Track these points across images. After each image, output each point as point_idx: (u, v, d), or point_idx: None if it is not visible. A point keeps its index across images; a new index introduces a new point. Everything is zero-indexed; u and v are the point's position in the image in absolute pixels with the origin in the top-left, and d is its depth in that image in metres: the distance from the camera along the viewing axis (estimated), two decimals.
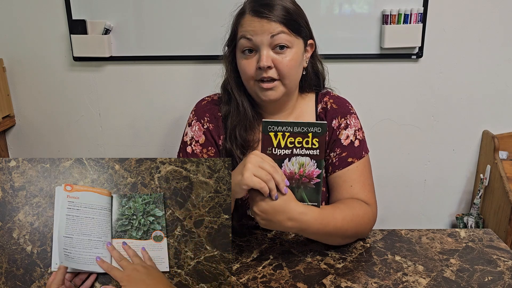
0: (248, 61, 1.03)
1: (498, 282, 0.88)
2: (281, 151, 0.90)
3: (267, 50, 1.01)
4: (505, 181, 1.59)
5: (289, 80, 1.04)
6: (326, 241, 1.00)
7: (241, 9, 1.06)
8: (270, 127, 0.89)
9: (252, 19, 1.01)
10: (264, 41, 1.00)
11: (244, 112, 1.09)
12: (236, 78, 1.10)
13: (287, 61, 1.02)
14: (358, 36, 1.64)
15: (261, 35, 1.00)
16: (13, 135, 1.83)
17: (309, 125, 0.88)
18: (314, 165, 0.90)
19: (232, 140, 1.10)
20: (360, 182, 1.07)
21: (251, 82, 1.04)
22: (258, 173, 0.86)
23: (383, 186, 1.76)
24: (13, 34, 1.69)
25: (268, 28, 1.00)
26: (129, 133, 1.80)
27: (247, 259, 0.98)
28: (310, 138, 0.89)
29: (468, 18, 1.63)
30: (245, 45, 1.02)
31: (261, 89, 1.04)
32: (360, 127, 1.13)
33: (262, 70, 1.01)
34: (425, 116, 1.74)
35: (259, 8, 1.01)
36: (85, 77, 1.73)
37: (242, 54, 1.04)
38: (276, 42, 1.00)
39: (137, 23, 1.65)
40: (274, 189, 0.87)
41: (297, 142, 0.89)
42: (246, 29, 1.02)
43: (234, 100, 1.11)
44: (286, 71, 1.02)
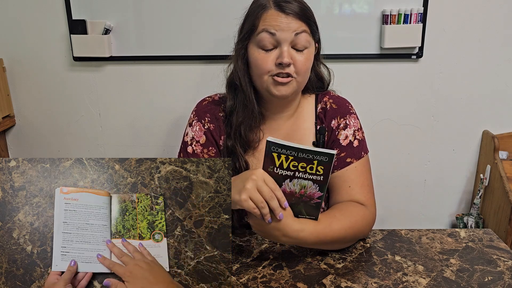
0: (266, 55, 1.01)
1: (498, 282, 0.88)
2: (282, 171, 0.87)
3: (288, 46, 1.00)
4: (505, 181, 1.59)
5: (303, 79, 1.04)
6: (325, 248, 1.00)
7: (263, 4, 1.03)
8: (274, 148, 0.85)
9: (277, 14, 1.00)
10: (288, 38, 1.00)
11: (251, 109, 1.08)
12: (246, 73, 1.08)
13: (304, 60, 1.02)
14: (358, 36, 1.64)
15: (286, 31, 0.99)
16: (13, 135, 1.83)
17: (315, 153, 0.83)
18: (316, 188, 0.87)
19: (236, 137, 1.09)
20: (359, 183, 1.07)
21: (265, 77, 1.03)
22: (255, 197, 0.85)
23: (383, 186, 1.76)
24: (13, 34, 1.69)
25: (293, 25, 0.99)
26: (129, 133, 1.80)
27: (247, 259, 0.98)
28: (315, 165, 0.84)
29: (468, 18, 1.63)
30: (267, 39, 1.00)
31: (274, 84, 1.02)
32: (360, 127, 1.13)
33: (281, 66, 1.00)
34: (425, 116, 1.74)
35: (284, 4, 1.00)
36: (85, 77, 1.73)
37: (260, 48, 1.02)
38: (297, 41, 1.00)
39: (137, 23, 1.65)
40: (268, 215, 0.87)
41: (300, 166, 0.85)
42: (270, 24, 1.00)
43: (241, 95, 1.09)
44: (303, 69, 1.02)
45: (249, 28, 1.04)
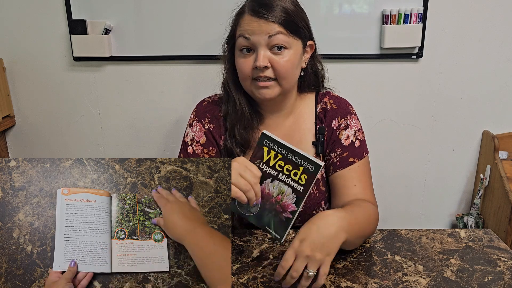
0: (245, 60, 1.03)
1: (498, 282, 0.88)
2: (267, 168, 0.86)
3: (264, 50, 1.01)
4: (505, 181, 1.59)
5: (286, 80, 1.04)
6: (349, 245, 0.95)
7: (240, 8, 1.06)
8: (266, 142, 0.86)
9: (250, 18, 1.01)
10: (262, 41, 1.00)
11: (241, 112, 1.10)
12: (234, 77, 1.10)
13: (284, 61, 1.02)
14: (358, 36, 1.64)
15: (259, 35, 1.00)
16: (13, 135, 1.83)
17: (304, 159, 0.83)
18: (293, 199, 0.85)
19: (231, 138, 1.10)
20: (363, 182, 1.07)
21: (248, 81, 1.05)
22: (237, 182, 0.83)
23: (383, 186, 1.76)
24: (13, 34, 1.69)
25: (266, 28, 1.00)
26: (129, 133, 1.80)
27: (247, 259, 0.98)
28: (299, 171, 0.84)
29: (468, 18, 1.63)
30: (243, 44, 1.03)
31: (256, 88, 1.04)
32: (360, 127, 1.13)
33: (258, 70, 1.01)
34: (425, 116, 1.74)
35: (258, 8, 1.01)
36: (85, 77, 1.73)
37: (240, 53, 1.04)
38: (273, 43, 1.01)
39: (137, 23, 1.65)
40: (253, 199, 0.85)
41: (285, 169, 0.85)
42: (245, 28, 1.02)
43: (232, 98, 1.11)
44: (282, 71, 1.02)
45: (230, 34, 1.08)
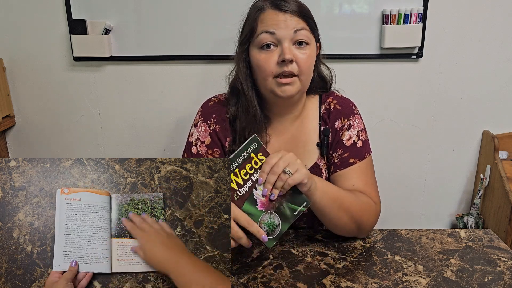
0: (268, 56, 1.01)
1: (498, 282, 0.88)
2: (245, 187, 0.89)
3: (289, 43, 1.00)
4: (505, 181, 1.59)
5: (306, 77, 1.04)
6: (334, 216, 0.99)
7: (259, 6, 1.04)
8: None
9: (275, 13, 1.01)
10: (287, 36, 1.00)
11: (253, 113, 1.07)
12: (248, 77, 1.07)
13: (306, 57, 1.01)
14: (358, 36, 1.64)
15: (285, 29, 0.99)
16: (13, 135, 1.83)
17: (244, 148, 0.89)
18: None
19: (241, 142, 1.07)
20: (363, 181, 1.07)
21: (269, 79, 1.02)
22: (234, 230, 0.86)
23: (383, 186, 1.74)
24: (13, 34, 1.69)
25: (291, 23, 1.00)
26: (129, 133, 1.80)
27: (247, 259, 0.98)
28: (255, 157, 0.89)
29: (468, 18, 1.63)
30: (267, 39, 1.00)
31: (278, 85, 1.02)
32: (364, 127, 1.13)
33: (283, 64, 0.99)
34: (425, 116, 1.74)
35: (281, 3, 1.01)
36: (85, 77, 1.73)
37: (261, 50, 1.02)
38: (297, 38, 1.00)
39: (137, 23, 1.65)
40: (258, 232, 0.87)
41: (248, 168, 0.89)
42: (269, 23, 1.00)
43: (243, 100, 1.08)
44: (305, 67, 1.02)
45: (249, 31, 1.04)
